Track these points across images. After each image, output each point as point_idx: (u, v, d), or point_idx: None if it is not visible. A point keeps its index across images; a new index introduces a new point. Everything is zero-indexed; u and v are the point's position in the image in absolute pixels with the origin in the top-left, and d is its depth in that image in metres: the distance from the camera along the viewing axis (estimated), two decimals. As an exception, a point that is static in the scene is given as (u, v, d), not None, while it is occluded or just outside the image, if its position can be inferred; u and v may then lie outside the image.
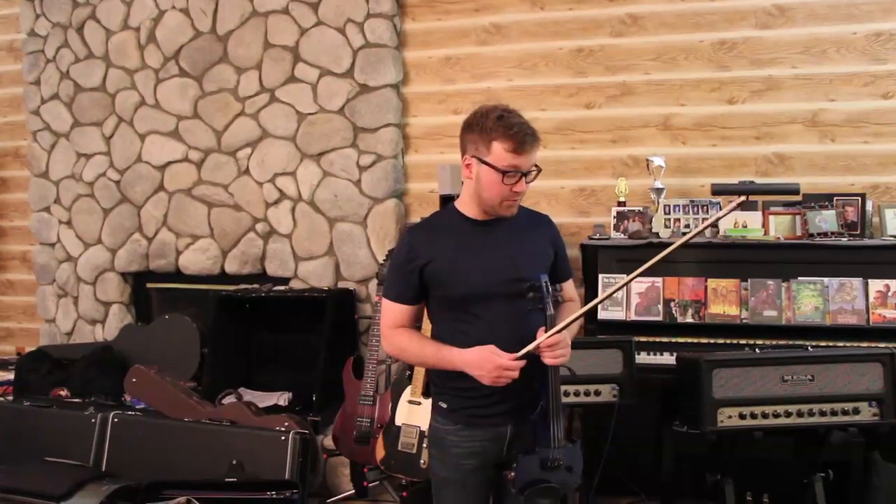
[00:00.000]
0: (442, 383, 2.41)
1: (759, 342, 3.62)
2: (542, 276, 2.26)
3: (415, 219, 4.85)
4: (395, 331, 2.39)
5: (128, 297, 5.47)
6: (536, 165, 2.28)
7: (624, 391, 3.35)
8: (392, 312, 2.40)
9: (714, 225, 4.05)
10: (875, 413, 2.90)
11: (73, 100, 5.42)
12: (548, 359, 2.21)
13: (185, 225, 5.21)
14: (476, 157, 2.26)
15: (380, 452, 3.90)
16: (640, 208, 4.18)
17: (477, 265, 2.29)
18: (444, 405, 2.39)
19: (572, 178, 4.62)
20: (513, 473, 2.28)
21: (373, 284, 4.76)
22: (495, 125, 2.22)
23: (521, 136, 2.21)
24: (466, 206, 2.36)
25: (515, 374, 2.19)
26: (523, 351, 2.19)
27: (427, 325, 2.52)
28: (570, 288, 2.57)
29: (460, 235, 2.34)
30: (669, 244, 3.89)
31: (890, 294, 3.68)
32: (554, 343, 2.20)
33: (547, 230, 2.47)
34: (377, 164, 4.80)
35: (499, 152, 2.21)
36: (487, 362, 2.18)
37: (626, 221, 4.16)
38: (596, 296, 3.92)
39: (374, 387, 4.12)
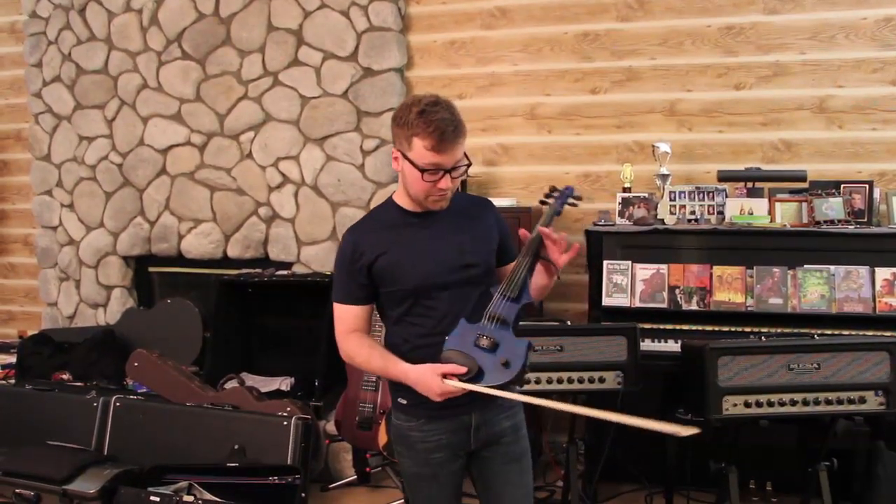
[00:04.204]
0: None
1: (765, 330, 3.61)
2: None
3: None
4: (347, 336, 2.31)
5: (130, 281, 5.46)
6: (467, 157, 2.19)
7: (628, 378, 3.32)
8: (345, 317, 2.32)
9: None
10: (881, 402, 2.88)
11: (74, 82, 5.39)
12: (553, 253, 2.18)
13: (187, 209, 5.20)
14: (401, 152, 2.18)
15: (382, 438, 3.89)
16: (646, 194, 4.16)
17: (424, 256, 2.23)
18: (404, 401, 2.31)
19: (577, 164, 4.60)
20: (448, 337, 2.17)
21: (376, 270, 4.73)
22: (416, 120, 2.10)
23: (439, 133, 2.08)
24: (403, 198, 2.29)
25: (458, 393, 2.12)
26: (468, 387, 2.11)
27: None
28: None
29: (402, 228, 2.27)
30: (674, 230, 3.94)
31: (897, 282, 3.66)
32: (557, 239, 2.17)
33: (489, 214, 2.39)
34: (381, 148, 4.77)
35: (419, 149, 2.11)
36: (428, 388, 2.13)
37: (631, 208, 4.13)
38: (601, 282, 3.92)
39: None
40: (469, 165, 2.22)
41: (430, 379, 2.13)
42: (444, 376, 2.11)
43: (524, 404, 2.39)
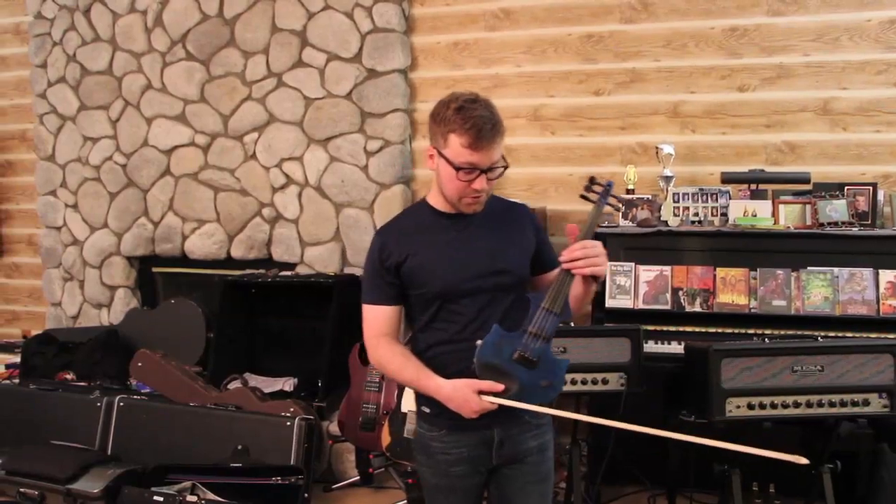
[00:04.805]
0: None
1: (768, 332, 3.61)
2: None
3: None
4: (379, 341, 2.23)
5: (133, 282, 5.47)
6: (504, 158, 2.14)
7: (631, 380, 3.32)
8: (375, 319, 2.24)
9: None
10: (885, 405, 2.87)
11: (79, 83, 5.40)
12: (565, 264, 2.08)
13: (191, 209, 5.20)
14: (436, 149, 2.12)
15: (385, 439, 3.90)
16: (649, 196, 4.15)
17: (453, 260, 2.16)
18: (428, 410, 2.25)
19: (580, 165, 4.59)
20: (479, 341, 2.08)
21: (379, 271, 4.74)
22: (453, 117, 2.05)
23: (476, 130, 2.02)
24: (437, 199, 2.23)
25: (493, 408, 2.07)
26: (503, 402, 2.05)
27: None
28: None
29: (433, 230, 2.20)
30: (678, 232, 3.94)
31: (900, 284, 3.65)
32: (578, 255, 2.06)
33: (526, 219, 2.33)
34: (384, 149, 4.78)
35: (455, 147, 2.05)
36: (465, 403, 2.07)
37: (634, 209, 4.13)
38: (604, 283, 3.91)
39: (379, 373, 4.11)
40: (506, 167, 2.16)
41: (466, 395, 2.07)
42: (481, 393, 2.06)
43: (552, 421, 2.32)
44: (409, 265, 2.17)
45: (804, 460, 1.75)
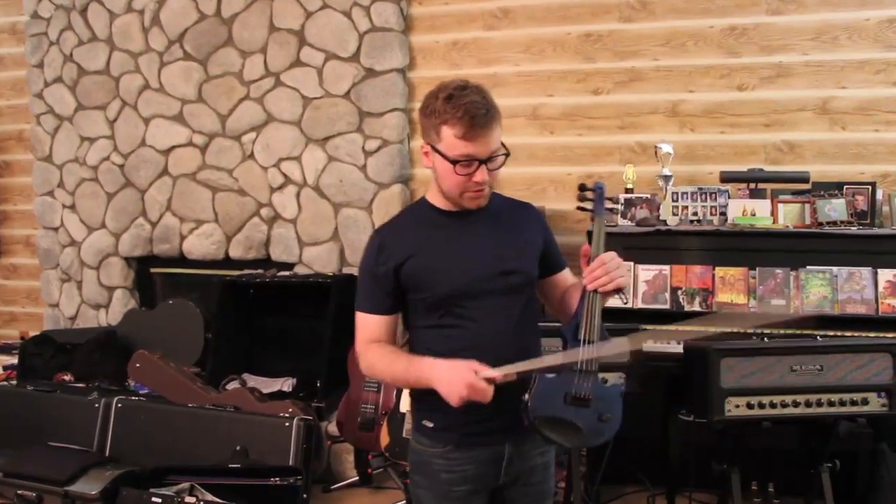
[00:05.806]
0: (425, 397, 2.02)
1: (767, 331, 3.60)
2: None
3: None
4: (368, 347, 2.08)
5: (131, 282, 5.46)
6: (504, 146, 1.99)
7: (630, 379, 3.31)
8: (367, 326, 2.10)
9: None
10: (883, 404, 2.88)
11: (76, 83, 5.39)
12: (589, 284, 2.03)
13: (189, 210, 5.19)
14: (430, 145, 1.99)
15: (384, 439, 3.89)
16: (648, 195, 4.14)
17: (458, 260, 2.03)
18: (431, 424, 2.07)
19: (579, 165, 4.59)
20: (527, 396, 1.93)
21: (377, 270, 4.74)
22: (443, 107, 1.91)
23: (469, 118, 1.88)
24: (436, 197, 2.09)
25: (486, 396, 1.87)
26: (497, 373, 1.89)
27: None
28: (570, 276, 2.31)
29: (435, 229, 2.07)
30: (677, 231, 3.93)
31: (899, 284, 3.65)
32: (599, 273, 2.02)
33: (532, 218, 2.22)
34: (383, 149, 4.77)
35: (448, 139, 1.92)
36: (461, 378, 1.86)
37: (633, 209, 4.12)
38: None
39: (378, 373, 4.10)
40: (507, 155, 2.01)
41: (462, 371, 1.87)
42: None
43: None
44: (409, 268, 2.03)
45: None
